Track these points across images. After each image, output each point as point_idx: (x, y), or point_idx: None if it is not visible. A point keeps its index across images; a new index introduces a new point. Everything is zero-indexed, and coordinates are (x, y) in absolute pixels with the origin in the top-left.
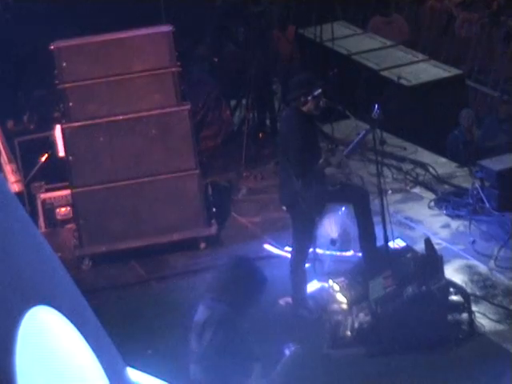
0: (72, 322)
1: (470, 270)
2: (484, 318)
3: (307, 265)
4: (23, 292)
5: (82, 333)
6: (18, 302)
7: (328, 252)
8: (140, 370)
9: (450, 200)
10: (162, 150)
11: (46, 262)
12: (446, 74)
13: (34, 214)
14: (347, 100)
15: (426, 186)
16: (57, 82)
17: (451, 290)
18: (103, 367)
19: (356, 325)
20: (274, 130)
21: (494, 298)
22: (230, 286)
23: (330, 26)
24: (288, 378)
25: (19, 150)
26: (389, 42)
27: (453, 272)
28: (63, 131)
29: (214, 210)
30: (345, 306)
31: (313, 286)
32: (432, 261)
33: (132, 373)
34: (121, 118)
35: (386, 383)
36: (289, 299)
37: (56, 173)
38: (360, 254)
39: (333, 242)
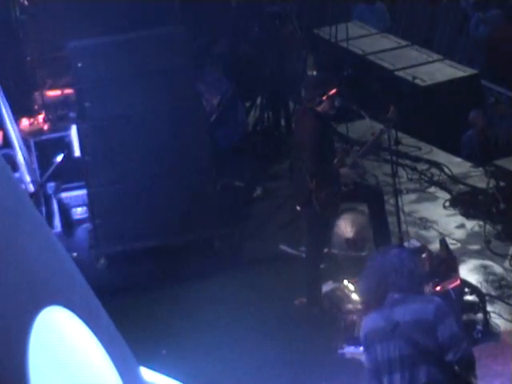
0: (85, 322)
1: (485, 270)
2: (499, 318)
3: (322, 265)
4: (36, 292)
5: (95, 333)
6: (31, 303)
7: (343, 252)
8: (154, 371)
9: (465, 200)
10: (177, 150)
11: (59, 262)
12: (460, 74)
13: (49, 214)
14: (362, 100)
15: (441, 186)
16: (72, 82)
17: (466, 290)
18: (116, 367)
19: None
20: (288, 129)
21: (509, 298)
22: (414, 276)
23: (345, 25)
24: None
25: (35, 150)
26: (404, 42)
27: (468, 272)
28: (79, 131)
29: (228, 209)
30: (359, 306)
31: (328, 286)
32: (447, 261)
33: (146, 373)
34: (136, 117)
35: None
36: (304, 299)
37: (72, 173)
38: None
39: (348, 241)
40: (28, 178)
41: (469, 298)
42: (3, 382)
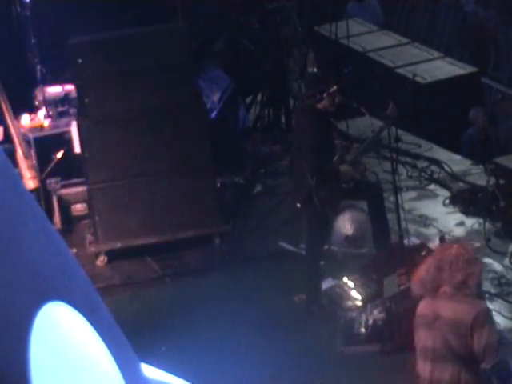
0: (86, 318)
1: (484, 267)
2: (499, 316)
3: (322, 262)
4: (37, 288)
5: (96, 329)
6: (33, 298)
7: (343, 249)
8: (154, 367)
9: (465, 198)
10: (177, 146)
11: (60, 257)
12: (461, 72)
13: (49, 211)
14: (362, 97)
15: (441, 184)
16: (73, 78)
17: None
18: (117, 363)
19: (370, 322)
20: (288, 126)
21: (508, 296)
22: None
23: (345, 23)
24: None
25: (35, 146)
26: (404, 40)
27: None
28: (79, 127)
29: (228, 206)
30: (359, 303)
31: (327, 283)
32: None
33: (147, 369)
34: (136, 114)
35: (399, 380)
36: (303, 296)
37: (72, 169)
38: (374, 252)
39: (347, 239)
40: (28, 174)
41: None
42: (6, 377)
